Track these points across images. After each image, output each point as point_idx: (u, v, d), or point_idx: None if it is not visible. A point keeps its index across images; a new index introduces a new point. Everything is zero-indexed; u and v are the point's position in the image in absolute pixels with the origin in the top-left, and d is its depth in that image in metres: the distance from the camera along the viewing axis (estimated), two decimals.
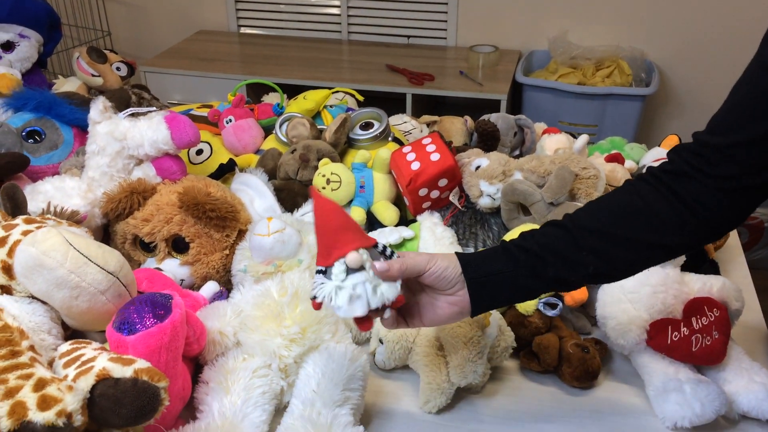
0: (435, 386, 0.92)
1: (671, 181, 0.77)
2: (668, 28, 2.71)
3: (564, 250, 0.78)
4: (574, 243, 0.78)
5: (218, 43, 3.06)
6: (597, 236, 0.78)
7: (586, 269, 0.79)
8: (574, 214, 0.81)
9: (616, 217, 0.79)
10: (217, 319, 0.94)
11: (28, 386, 0.66)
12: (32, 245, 0.80)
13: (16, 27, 1.61)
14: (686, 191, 0.76)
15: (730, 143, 0.73)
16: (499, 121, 1.43)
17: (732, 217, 0.77)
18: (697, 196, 0.75)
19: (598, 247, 0.78)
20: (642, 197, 0.78)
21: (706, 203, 0.75)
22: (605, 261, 0.78)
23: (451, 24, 2.95)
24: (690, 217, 0.76)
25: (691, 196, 0.76)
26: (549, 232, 0.80)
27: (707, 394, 0.87)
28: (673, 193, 0.77)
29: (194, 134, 1.17)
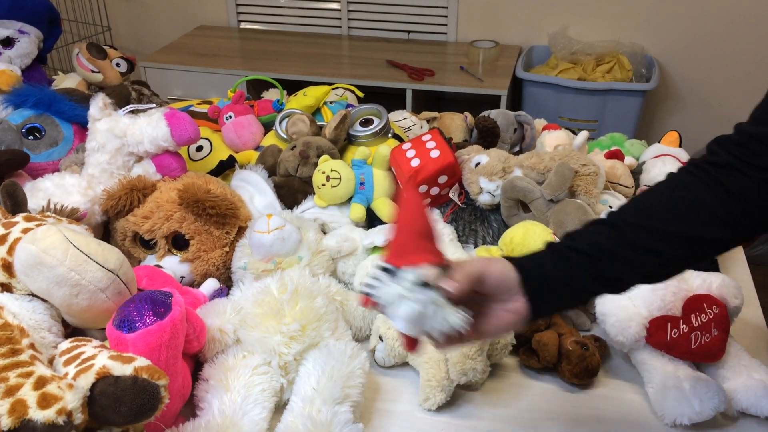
0: (435, 383, 0.92)
1: (717, 173, 0.74)
2: (669, 23, 2.71)
3: (617, 250, 0.74)
4: (626, 241, 0.74)
5: (218, 39, 3.06)
6: (648, 233, 0.74)
7: (643, 268, 0.75)
8: (620, 212, 0.77)
9: (665, 211, 0.75)
10: (217, 316, 0.95)
11: (28, 384, 0.67)
12: (32, 243, 0.80)
13: (16, 23, 1.61)
14: (732, 183, 0.73)
15: (764, 134, 0.72)
16: (498, 118, 1.43)
17: None
18: (743, 188, 0.73)
19: (652, 245, 0.74)
20: (689, 190, 0.75)
21: (752, 195, 0.73)
22: (660, 258, 0.74)
23: (451, 19, 2.95)
24: (737, 210, 0.73)
25: (737, 188, 0.73)
26: (597, 231, 0.76)
27: (706, 392, 0.88)
28: (719, 185, 0.74)
29: (194, 131, 1.17)
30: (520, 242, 1.01)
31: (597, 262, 0.74)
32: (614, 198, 1.24)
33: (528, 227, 1.03)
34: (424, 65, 2.67)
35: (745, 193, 0.73)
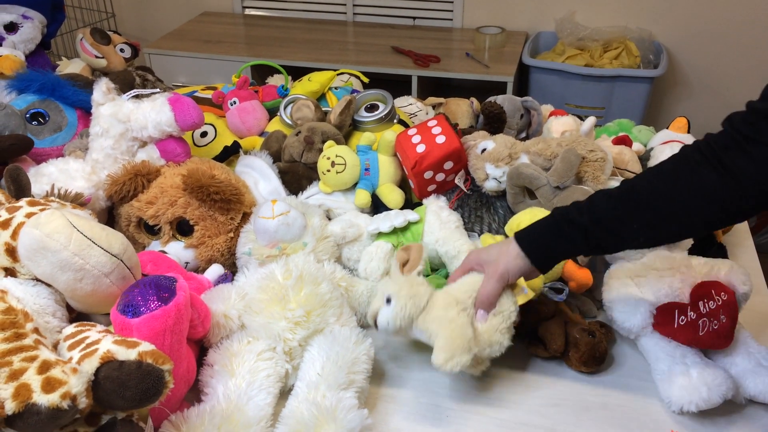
0: (460, 343, 0.86)
1: (722, 153, 0.77)
2: (676, 9, 2.68)
3: (617, 226, 0.83)
4: (627, 216, 0.82)
5: (223, 25, 3.04)
6: (648, 210, 0.81)
7: (636, 241, 0.84)
8: (630, 184, 0.84)
9: (668, 189, 0.81)
10: (221, 302, 0.94)
11: (32, 368, 0.66)
12: (36, 227, 0.80)
13: (20, 8, 1.60)
14: (733, 163, 0.76)
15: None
16: (505, 103, 1.42)
17: None
18: (746, 169, 0.75)
19: (649, 221, 0.81)
20: (693, 169, 0.79)
21: (754, 175, 0.75)
22: (655, 232, 0.82)
23: (457, 5, 2.93)
24: (738, 191, 0.76)
25: (737, 167, 0.76)
26: (603, 206, 0.85)
27: (714, 379, 0.87)
28: (723, 166, 0.77)
29: (198, 116, 1.16)
30: None
31: (596, 236, 0.84)
32: None
33: (535, 214, 1.02)
34: (430, 51, 2.66)
35: (746, 173, 0.76)
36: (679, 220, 0.81)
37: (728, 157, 0.76)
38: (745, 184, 0.76)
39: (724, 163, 0.76)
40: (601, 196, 0.86)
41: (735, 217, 0.81)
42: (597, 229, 0.84)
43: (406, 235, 1.11)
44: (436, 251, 1.08)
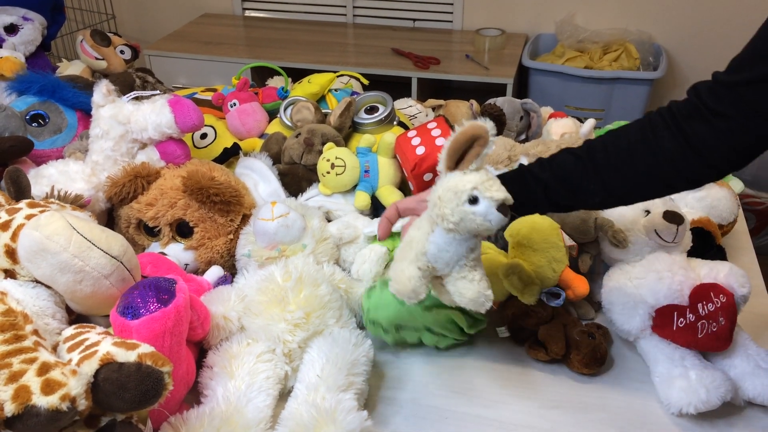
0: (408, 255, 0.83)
1: (684, 122, 0.79)
2: (676, 11, 2.68)
3: (576, 183, 0.85)
4: (586, 175, 0.84)
5: (223, 27, 3.05)
6: (607, 171, 0.83)
7: (593, 198, 0.86)
8: (592, 144, 0.86)
9: (627, 153, 0.83)
10: (221, 303, 0.94)
11: (32, 370, 0.67)
12: (36, 229, 0.80)
13: (20, 9, 1.60)
14: (694, 132, 0.78)
15: (738, 81, 0.75)
16: (505, 105, 1.42)
17: (734, 159, 0.79)
18: (704, 138, 0.78)
19: (607, 181, 0.84)
20: (654, 134, 0.81)
21: (711, 144, 0.77)
22: (611, 193, 0.85)
23: (457, 7, 2.93)
24: (695, 160, 0.79)
25: (698, 136, 0.78)
26: (564, 162, 0.86)
27: (712, 381, 0.87)
28: (682, 134, 0.79)
29: (198, 118, 1.16)
30: (527, 235, 1.00)
31: (556, 192, 0.86)
32: None
33: (535, 221, 1.02)
34: (430, 53, 2.66)
35: (705, 142, 0.78)
36: (637, 182, 0.83)
37: (690, 127, 0.78)
38: (705, 154, 0.78)
39: (685, 132, 0.79)
40: (564, 154, 0.87)
41: (694, 183, 0.84)
42: (557, 185, 0.86)
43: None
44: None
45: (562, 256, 1.00)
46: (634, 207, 1.03)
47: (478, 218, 0.76)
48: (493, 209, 0.75)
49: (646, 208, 1.02)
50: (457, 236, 0.80)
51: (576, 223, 1.05)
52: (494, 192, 0.76)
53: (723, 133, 0.76)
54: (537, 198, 0.87)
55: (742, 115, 0.75)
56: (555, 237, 0.99)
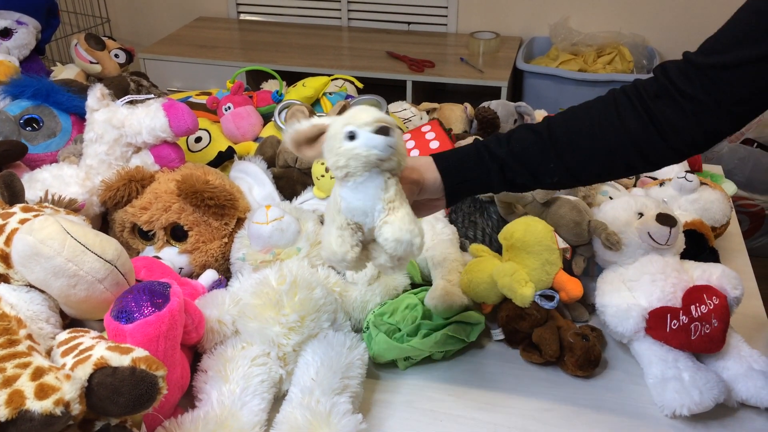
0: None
1: (650, 102, 0.78)
2: (669, 14, 2.69)
3: (535, 161, 0.82)
4: (546, 153, 0.82)
5: (217, 30, 3.05)
6: (568, 149, 0.81)
7: (551, 178, 0.84)
8: (552, 120, 0.84)
9: (589, 131, 0.81)
10: (215, 307, 0.94)
11: (25, 375, 0.66)
12: (29, 234, 0.80)
13: (14, 13, 1.60)
14: (661, 113, 0.77)
15: (711, 64, 0.73)
16: (499, 109, 1.42)
17: (699, 142, 0.78)
18: (671, 119, 0.76)
19: (567, 160, 0.81)
20: (619, 113, 0.79)
21: (677, 125, 0.76)
22: (570, 173, 0.82)
23: (451, 10, 2.94)
24: (659, 141, 0.77)
25: (665, 117, 0.77)
26: (523, 139, 0.83)
27: (706, 382, 0.87)
28: (648, 114, 0.78)
29: (192, 122, 1.17)
30: (521, 238, 1.00)
31: (513, 171, 0.83)
32: (614, 189, 1.24)
33: (529, 224, 1.02)
34: (425, 57, 2.66)
35: (671, 123, 0.76)
36: (598, 161, 0.81)
37: (657, 107, 0.77)
38: (671, 136, 0.77)
39: (651, 112, 0.77)
40: (523, 130, 0.85)
41: (655, 164, 0.82)
42: (514, 163, 0.83)
43: None
44: (425, 261, 1.07)
45: (556, 259, 1.00)
46: (628, 209, 1.03)
47: (362, 150, 0.73)
48: (372, 135, 0.73)
49: (639, 210, 1.03)
50: (358, 180, 0.75)
51: (570, 225, 1.05)
52: (365, 118, 0.73)
53: (691, 115, 0.75)
54: (492, 176, 0.84)
55: (712, 99, 0.74)
56: (549, 240, 1.00)
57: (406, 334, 0.96)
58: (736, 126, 0.76)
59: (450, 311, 0.98)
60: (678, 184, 1.19)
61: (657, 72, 0.79)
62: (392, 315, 0.99)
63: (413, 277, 1.07)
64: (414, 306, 1.00)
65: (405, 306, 1.00)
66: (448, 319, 0.98)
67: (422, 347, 0.95)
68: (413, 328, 0.96)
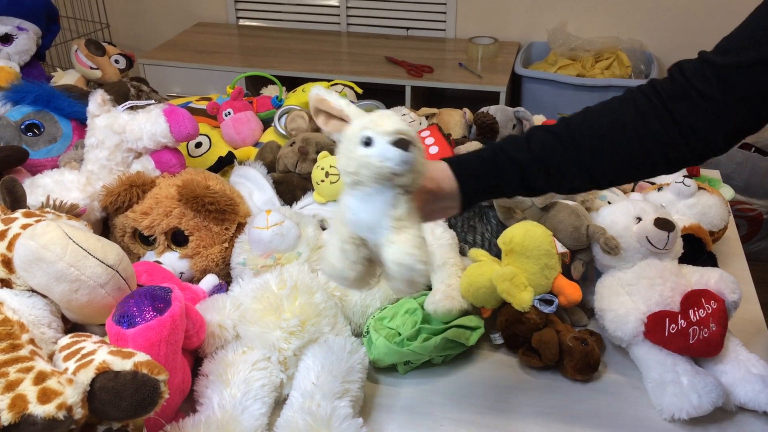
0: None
1: (669, 101, 0.77)
2: (667, 19, 2.71)
3: (556, 166, 0.80)
4: (567, 157, 0.80)
5: (217, 36, 3.06)
6: (590, 152, 0.79)
7: (570, 183, 0.82)
8: (571, 122, 0.81)
9: (611, 134, 0.79)
10: (216, 312, 0.95)
11: (28, 379, 0.67)
12: (32, 239, 0.80)
13: (14, 19, 1.61)
14: (680, 113, 0.76)
15: (726, 64, 0.73)
16: (497, 114, 1.43)
17: (719, 143, 0.77)
18: (690, 120, 0.75)
19: (588, 164, 0.79)
20: (639, 114, 0.78)
21: (696, 126, 0.75)
22: (591, 176, 0.81)
23: (450, 16, 2.95)
24: (680, 139, 0.76)
25: (684, 118, 0.76)
26: (543, 143, 0.81)
27: (704, 386, 0.88)
28: (669, 115, 0.76)
29: (193, 127, 1.17)
30: (520, 243, 1.01)
31: (533, 175, 0.81)
32: (613, 194, 1.24)
33: (528, 229, 1.02)
34: (423, 62, 2.67)
35: (690, 122, 0.75)
36: (620, 164, 0.79)
37: (676, 108, 0.76)
38: (692, 136, 0.76)
39: (671, 112, 0.76)
40: (541, 133, 0.82)
41: (676, 166, 0.81)
42: (535, 168, 0.80)
43: None
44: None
45: (555, 263, 1.00)
46: (626, 214, 1.04)
47: (375, 160, 0.68)
48: (388, 146, 0.67)
49: (638, 215, 1.03)
50: (367, 191, 0.71)
51: (569, 230, 1.06)
52: (386, 126, 0.68)
53: (710, 116, 0.74)
54: (511, 183, 0.81)
55: (730, 99, 0.73)
56: (548, 244, 1.00)
57: (406, 339, 0.96)
58: (755, 126, 0.76)
59: (449, 316, 0.98)
60: (676, 188, 1.19)
61: (673, 71, 0.78)
62: (392, 319, 0.99)
63: None
64: (414, 310, 1.00)
65: (405, 310, 1.00)
66: (448, 323, 0.98)
67: (422, 351, 0.95)
68: (413, 333, 0.97)
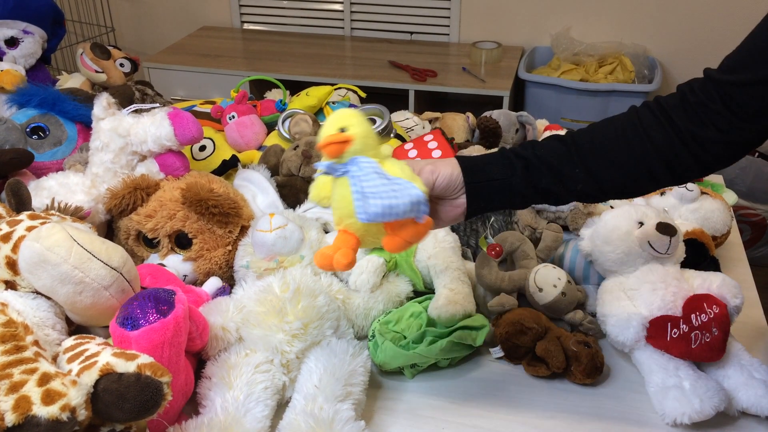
0: None
1: (672, 112, 0.79)
2: (671, 24, 2.71)
3: (559, 165, 0.81)
4: (570, 159, 0.81)
5: (221, 39, 3.07)
6: (592, 156, 0.81)
7: (575, 185, 0.82)
8: (577, 132, 0.84)
9: (614, 140, 0.81)
10: (219, 314, 0.95)
11: (32, 381, 0.67)
12: (36, 241, 0.80)
13: (20, 23, 1.61)
14: (683, 125, 0.78)
15: (730, 81, 0.75)
16: (500, 118, 1.43)
17: (723, 156, 0.79)
18: (694, 132, 0.77)
19: (591, 167, 0.81)
20: (643, 124, 0.80)
21: (701, 139, 0.77)
22: (595, 180, 0.82)
23: (453, 20, 2.95)
24: (683, 152, 0.78)
25: (688, 130, 0.78)
26: (549, 145, 0.83)
27: (706, 391, 0.88)
28: (672, 125, 0.79)
29: (197, 130, 1.18)
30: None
31: (538, 172, 0.81)
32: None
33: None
34: (427, 66, 2.68)
35: (694, 136, 0.78)
36: (622, 168, 0.81)
37: (679, 119, 0.78)
38: (695, 147, 0.78)
39: (673, 123, 0.78)
40: (548, 139, 0.85)
41: (681, 177, 0.82)
42: (540, 165, 0.81)
43: None
44: (428, 269, 1.08)
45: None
46: (628, 218, 1.04)
47: None
48: None
49: (640, 219, 1.03)
50: None
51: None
52: None
53: (713, 128, 0.77)
54: (515, 177, 0.81)
55: (733, 114, 0.75)
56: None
57: (412, 342, 0.96)
58: (759, 140, 0.77)
59: (453, 321, 0.99)
60: (679, 193, 1.20)
61: (681, 87, 0.81)
62: (397, 323, 1.00)
63: (415, 284, 1.08)
64: (419, 314, 1.01)
65: (410, 314, 1.01)
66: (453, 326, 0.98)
67: (429, 354, 0.95)
68: (418, 336, 0.97)
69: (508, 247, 1.10)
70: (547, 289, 1.02)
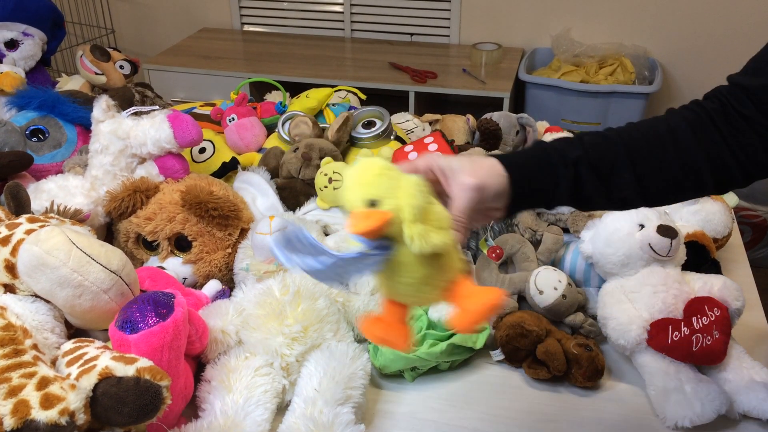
0: None
1: (715, 114, 0.77)
2: (671, 25, 2.71)
3: (609, 172, 0.75)
4: (617, 159, 0.75)
5: (221, 41, 3.07)
6: (639, 156, 0.76)
7: (619, 193, 0.76)
8: (619, 129, 0.78)
9: (662, 137, 0.77)
10: (219, 317, 0.95)
11: (31, 385, 0.67)
12: (35, 244, 0.80)
13: (20, 25, 1.62)
14: (725, 128, 0.76)
15: (755, 85, 0.75)
16: (501, 120, 1.43)
17: (766, 165, 0.77)
18: (737, 137, 0.76)
19: (638, 168, 0.75)
20: (688, 123, 0.77)
21: (743, 143, 0.76)
22: (639, 184, 0.76)
23: (454, 21, 2.95)
24: (730, 158, 0.76)
25: (731, 135, 0.76)
26: (596, 144, 0.76)
27: (707, 394, 0.88)
28: (715, 127, 0.76)
29: (197, 133, 1.17)
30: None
31: (584, 181, 0.74)
32: None
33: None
34: (427, 67, 2.68)
35: (738, 140, 0.76)
36: (671, 172, 0.76)
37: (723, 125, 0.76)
38: (740, 154, 0.76)
39: (719, 128, 0.76)
40: (591, 136, 0.77)
41: (724, 185, 0.79)
42: (589, 173, 0.74)
43: None
44: None
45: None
46: (629, 221, 1.04)
47: None
48: None
49: (641, 222, 1.03)
50: None
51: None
52: None
53: (751, 133, 0.75)
54: (560, 187, 0.74)
55: (765, 117, 0.74)
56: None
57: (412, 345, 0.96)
58: None
59: None
60: None
61: (709, 94, 0.79)
62: None
63: None
64: (419, 317, 1.00)
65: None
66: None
67: (429, 357, 0.95)
68: (419, 339, 0.97)
69: (509, 250, 1.10)
70: (547, 291, 1.02)
